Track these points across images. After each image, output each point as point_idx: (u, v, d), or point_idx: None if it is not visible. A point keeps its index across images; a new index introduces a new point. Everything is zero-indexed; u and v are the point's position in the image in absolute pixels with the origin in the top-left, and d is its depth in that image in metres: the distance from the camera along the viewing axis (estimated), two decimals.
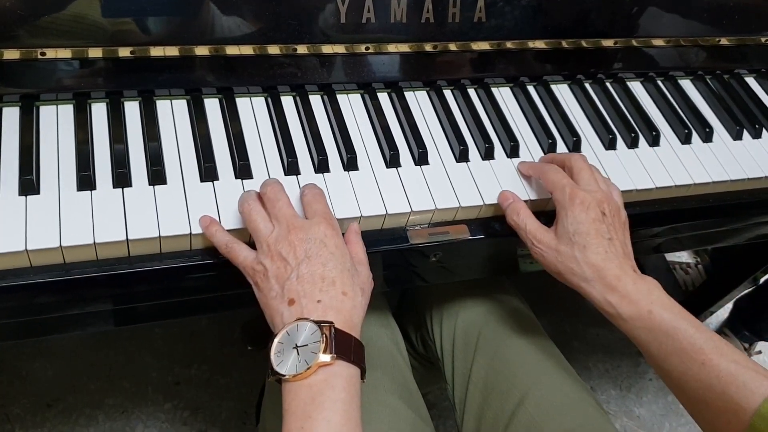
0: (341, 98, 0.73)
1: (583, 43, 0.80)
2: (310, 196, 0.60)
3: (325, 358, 0.50)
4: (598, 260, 0.60)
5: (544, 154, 0.74)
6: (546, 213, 0.69)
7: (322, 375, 0.50)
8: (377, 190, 0.66)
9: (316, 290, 0.53)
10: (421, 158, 0.69)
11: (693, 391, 0.56)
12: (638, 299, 0.58)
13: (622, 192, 0.69)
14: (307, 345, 0.50)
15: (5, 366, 1.28)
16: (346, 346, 0.51)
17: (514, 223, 0.65)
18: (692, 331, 0.56)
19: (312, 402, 0.49)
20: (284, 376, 0.50)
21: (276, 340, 0.52)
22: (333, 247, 0.55)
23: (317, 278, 0.53)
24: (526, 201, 0.68)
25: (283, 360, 0.51)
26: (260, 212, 0.58)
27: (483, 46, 0.76)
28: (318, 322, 0.51)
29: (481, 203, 0.67)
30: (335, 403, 0.49)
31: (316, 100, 0.73)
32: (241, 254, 0.58)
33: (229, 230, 0.59)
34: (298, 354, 0.50)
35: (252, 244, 0.58)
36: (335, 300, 0.53)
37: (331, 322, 0.51)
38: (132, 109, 0.67)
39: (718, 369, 0.54)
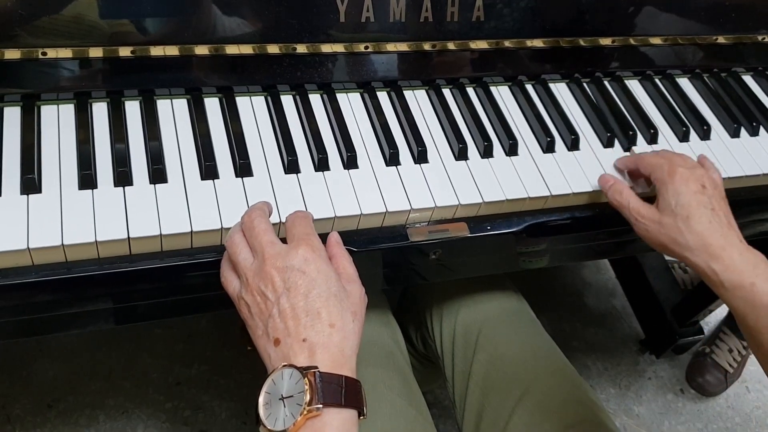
0: (341, 97, 0.74)
1: (581, 42, 0.81)
2: (290, 220, 0.56)
3: (313, 407, 0.46)
4: (701, 229, 0.61)
5: (543, 152, 0.74)
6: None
7: (310, 429, 0.46)
8: (377, 188, 0.66)
9: (300, 327, 0.49)
10: (420, 156, 0.70)
11: None
12: (743, 270, 0.59)
13: None
14: (292, 396, 0.47)
15: (6, 366, 1.29)
16: (334, 391, 0.47)
17: (617, 203, 0.67)
18: None
19: None
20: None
21: (263, 390, 0.49)
22: (314, 272, 0.51)
23: (300, 312, 0.49)
24: (525, 199, 0.69)
25: (271, 413, 0.48)
26: (240, 242, 0.53)
27: (482, 45, 0.76)
28: (301, 369, 0.47)
29: (481, 201, 0.68)
30: None
31: (315, 99, 0.73)
32: (230, 285, 0.54)
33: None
34: (285, 406, 0.47)
35: None
36: (322, 335, 0.49)
37: (316, 367, 0.47)
38: (133, 109, 0.67)
39: None
